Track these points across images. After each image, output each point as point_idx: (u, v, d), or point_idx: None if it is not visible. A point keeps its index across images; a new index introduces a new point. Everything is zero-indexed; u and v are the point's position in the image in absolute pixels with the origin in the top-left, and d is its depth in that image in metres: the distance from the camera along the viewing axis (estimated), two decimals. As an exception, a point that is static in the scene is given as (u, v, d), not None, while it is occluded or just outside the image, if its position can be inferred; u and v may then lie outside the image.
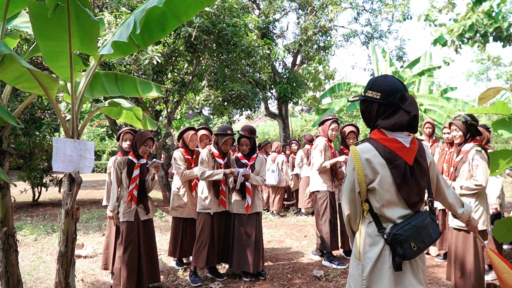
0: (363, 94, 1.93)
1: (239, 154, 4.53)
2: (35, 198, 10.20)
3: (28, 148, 9.04)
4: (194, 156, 4.69)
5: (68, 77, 2.94)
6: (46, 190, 10.45)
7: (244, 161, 4.45)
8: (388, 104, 1.83)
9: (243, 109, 12.10)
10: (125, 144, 4.23)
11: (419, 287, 1.79)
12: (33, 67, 2.60)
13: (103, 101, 6.46)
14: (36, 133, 8.16)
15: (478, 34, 8.84)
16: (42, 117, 8.34)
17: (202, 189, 4.37)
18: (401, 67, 14.68)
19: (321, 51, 15.14)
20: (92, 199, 11.17)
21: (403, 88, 1.86)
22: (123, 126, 8.91)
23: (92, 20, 2.67)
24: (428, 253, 5.26)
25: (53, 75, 3.43)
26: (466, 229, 3.60)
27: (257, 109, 14.58)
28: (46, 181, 10.02)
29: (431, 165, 1.94)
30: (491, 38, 8.36)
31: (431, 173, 1.94)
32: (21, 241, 6.04)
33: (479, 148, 3.58)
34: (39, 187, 10.16)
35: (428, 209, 1.90)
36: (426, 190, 1.92)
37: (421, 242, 1.76)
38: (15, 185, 2.82)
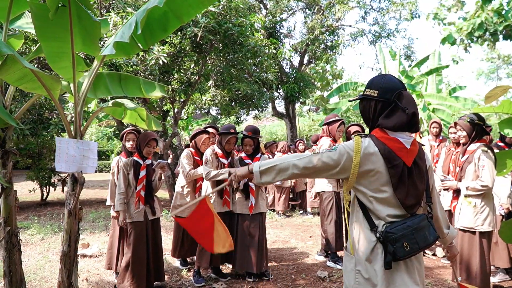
0: (362, 93, 1.93)
1: (243, 154, 4.51)
2: (43, 198, 10.30)
3: (37, 148, 9.13)
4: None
5: (70, 78, 2.95)
6: (55, 189, 10.57)
7: (248, 161, 4.43)
8: (385, 101, 1.83)
9: (250, 109, 12.10)
10: (128, 144, 4.25)
11: (414, 287, 1.77)
12: (38, 68, 2.62)
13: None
14: (44, 133, 8.23)
15: (487, 33, 8.74)
16: (50, 117, 8.41)
17: (206, 189, 4.37)
18: (409, 66, 14.55)
19: (328, 51, 15.07)
20: (100, 199, 11.24)
21: (401, 86, 1.85)
22: (130, 126, 8.96)
23: (93, 20, 2.68)
24: (434, 254, 5.21)
25: (59, 76, 3.45)
26: (472, 230, 3.57)
27: (264, 109, 14.58)
28: (54, 180, 10.12)
29: (429, 169, 1.93)
30: (501, 37, 8.25)
31: (429, 177, 1.92)
32: (28, 240, 6.10)
33: (485, 148, 3.52)
34: (47, 187, 10.26)
35: (426, 213, 1.88)
36: (424, 193, 1.89)
37: (414, 243, 1.73)
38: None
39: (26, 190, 10.18)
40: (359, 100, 1.98)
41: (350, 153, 1.78)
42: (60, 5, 2.56)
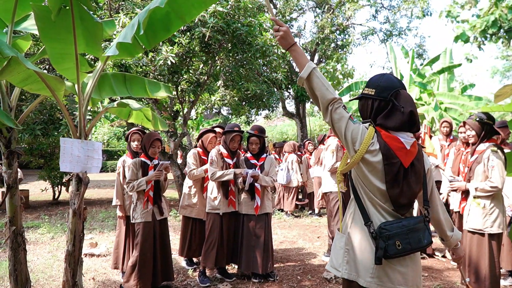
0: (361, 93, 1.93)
1: (248, 154, 4.50)
2: (55, 197, 10.43)
3: (48, 148, 9.26)
4: None
5: (74, 79, 2.97)
6: (66, 189, 10.68)
7: (253, 161, 4.42)
8: (381, 100, 1.82)
9: (261, 109, 12.07)
10: (134, 144, 4.28)
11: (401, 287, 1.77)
12: (50, 68, 2.64)
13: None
14: (55, 133, 8.33)
15: (502, 30, 8.58)
16: (61, 118, 8.51)
17: (212, 189, 4.37)
18: (421, 64, 14.36)
19: (339, 50, 14.97)
20: (111, 198, 11.31)
21: (399, 85, 1.85)
22: (141, 126, 9.01)
23: (96, 21, 2.70)
24: (444, 256, 5.12)
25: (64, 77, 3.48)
26: (481, 232, 3.49)
27: (274, 108, 14.53)
28: (65, 180, 10.24)
29: (428, 172, 1.91)
30: (515, 34, 8.11)
31: (427, 180, 1.90)
32: (38, 239, 6.19)
33: (495, 148, 3.45)
34: (59, 186, 10.40)
35: (424, 216, 1.85)
36: (421, 197, 1.89)
37: (407, 243, 1.72)
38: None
39: (38, 189, 10.32)
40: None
41: (359, 140, 1.79)
42: (62, 6, 2.58)
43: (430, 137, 5.91)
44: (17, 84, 2.86)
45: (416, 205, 2.32)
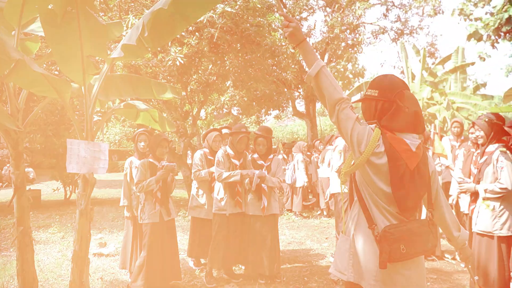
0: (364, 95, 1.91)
1: (255, 155, 4.49)
2: (67, 197, 10.56)
3: (60, 148, 9.37)
4: None
5: (81, 81, 3.00)
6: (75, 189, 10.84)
7: (260, 162, 4.41)
8: (385, 101, 1.80)
9: (270, 109, 12.06)
10: (140, 145, 4.30)
11: None
12: (53, 70, 2.67)
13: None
14: (66, 134, 8.43)
15: (516, 28, 8.42)
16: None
17: (218, 190, 4.37)
18: (433, 63, 14.17)
19: (349, 49, 14.85)
20: (121, 198, 11.44)
21: (403, 86, 1.83)
22: (151, 127, 9.06)
23: (101, 24, 2.72)
24: (454, 258, 5.05)
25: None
26: (490, 234, 3.43)
27: (285, 108, 14.49)
28: (75, 180, 10.36)
29: (432, 174, 1.88)
30: (530, 32, 7.98)
31: (431, 183, 1.87)
32: (48, 239, 6.27)
33: (504, 149, 3.38)
34: (70, 186, 10.52)
35: (428, 219, 1.83)
36: (426, 199, 1.87)
37: (411, 247, 1.70)
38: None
39: (50, 189, 10.45)
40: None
41: (364, 142, 1.76)
42: (68, 9, 2.61)
43: (441, 137, 5.82)
44: (24, 87, 2.91)
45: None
